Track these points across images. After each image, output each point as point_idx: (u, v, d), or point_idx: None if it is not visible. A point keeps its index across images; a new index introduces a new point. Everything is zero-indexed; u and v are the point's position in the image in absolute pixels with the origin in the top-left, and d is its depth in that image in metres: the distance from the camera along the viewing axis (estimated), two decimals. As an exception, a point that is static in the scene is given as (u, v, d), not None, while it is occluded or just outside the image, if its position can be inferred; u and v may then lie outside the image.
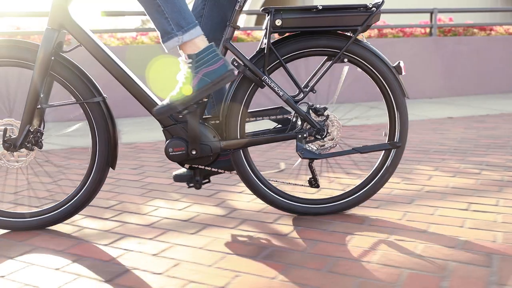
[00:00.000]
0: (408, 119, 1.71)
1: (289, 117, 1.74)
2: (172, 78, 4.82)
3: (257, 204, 1.94)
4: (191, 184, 1.78)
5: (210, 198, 2.04)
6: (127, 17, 5.00)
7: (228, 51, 1.71)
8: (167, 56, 4.84)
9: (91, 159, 1.71)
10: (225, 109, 1.68)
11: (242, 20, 14.64)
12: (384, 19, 7.42)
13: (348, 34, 1.68)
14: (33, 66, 1.63)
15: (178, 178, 1.83)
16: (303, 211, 1.78)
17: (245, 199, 2.01)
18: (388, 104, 1.72)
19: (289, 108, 1.74)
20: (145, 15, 4.42)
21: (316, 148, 1.71)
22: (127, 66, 3.06)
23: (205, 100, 1.61)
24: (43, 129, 1.69)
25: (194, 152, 1.65)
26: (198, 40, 1.54)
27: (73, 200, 1.72)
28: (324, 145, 1.72)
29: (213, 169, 1.75)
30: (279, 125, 1.77)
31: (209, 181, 1.83)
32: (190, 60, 1.54)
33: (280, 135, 1.69)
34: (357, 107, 4.68)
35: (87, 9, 4.75)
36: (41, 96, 1.64)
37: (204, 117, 1.70)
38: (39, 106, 1.65)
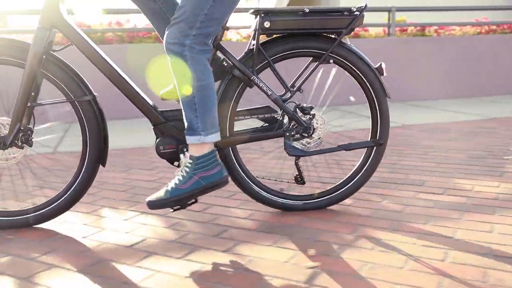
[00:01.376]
0: (389, 118, 1.79)
1: (276, 116, 1.80)
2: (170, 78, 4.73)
3: (252, 221, 1.75)
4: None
5: (201, 213, 1.85)
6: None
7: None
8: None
9: (81, 156, 1.73)
10: (215, 108, 1.73)
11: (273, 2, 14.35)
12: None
13: (333, 36, 1.76)
14: (24, 64, 1.64)
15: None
16: (291, 207, 1.84)
17: (239, 215, 1.84)
18: (371, 104, 1.80)
19: (275, 107, 1.80)
20: None
21: (303, 146, 1.77)
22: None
23: (196, 200, 1.64)
24: (34, 127, 1.70)
25: (185, 150, 1.69)
26: (208, 145, 1.60)
27: (62, 198, 1.73)
28: (310, 143, 1.78)
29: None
30: (266, 124, 1.83)
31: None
32: (191, 161, 1.60)
33: (269, 133, 1.75)
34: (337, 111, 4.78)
35: (88, 7, 4.66)
36: (32, 94, 1.65)
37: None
38: (29, 104, 1.66)
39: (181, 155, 1.64)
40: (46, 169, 2.62)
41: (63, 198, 1.73)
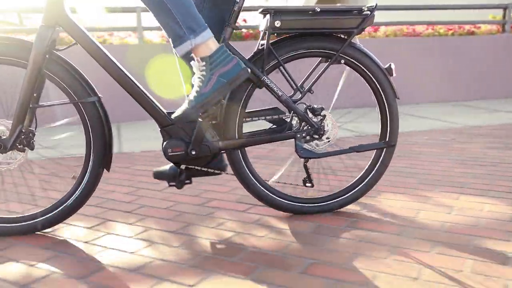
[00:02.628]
0: (398, 119, 1.78)
1: (284, 118, 1.77)
2: (173, 77, 4.65)
3: (273, 240, 1.59)
4: (172, 183, 1.74)
5: (214, 229, 1.70)
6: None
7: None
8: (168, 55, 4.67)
9: (85, 160, 1.66)
10: (224, 109, 1.69)
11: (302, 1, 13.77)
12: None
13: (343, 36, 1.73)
14: (27, 64, 1.57)
15: (158, 175, 1.77)
16: (299, 210, 1.81)
17: (257, 233, 1.67)
18: (380, 104, 1.78)
19: (284, 109, 1.76)
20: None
21: (313, 148, 1.74)
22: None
23: (223, 100, 1.60)
24: (35, 129, 1.63)
25: (193, 153, 1.64)
26: (210, 42, 1.55)
27: (65, 204, 1.67)
28: (320, 145, 1.75)
29: (206, 169, 1.73)
30: (274, 126, 1.79)
31: (190, 182, 1.76)
32: (204, 63, 1.54)
33: (279, 135, 1.71)
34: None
35: (89, 5, 4.55)
36: (34, 95, 1.59)
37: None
38: (31, 106, 1.59)
39: (192, 62, 1.58)
40: (48, 173, 2.53)
41: (65, 204, 1.66)
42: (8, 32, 4.41)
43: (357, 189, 1.83)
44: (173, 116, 1.55)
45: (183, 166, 1.71)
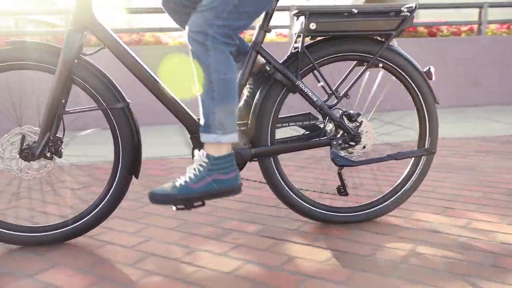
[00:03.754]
0: (438, 125, 1.70)
1: (318, 124, 1.70)
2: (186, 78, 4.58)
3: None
4: (180, 206, 1.53)
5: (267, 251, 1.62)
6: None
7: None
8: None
9: (113, 168, 1.61)
10: (256, 115, 1.62)
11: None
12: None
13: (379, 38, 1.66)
14: (55, 69, 1.53)
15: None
16: (332, 220, 1.73)
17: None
18: (419, 110, 1.70)
19: (317, 114, 1.69)
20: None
21: (349, 155, 1.67)
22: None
23: (203, 203, 1.52)
24: (63, 136, 1.59)
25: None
26: (226, 146, 1.49)
27: (93, 213, 1.62)
28: (355, 152, 1.68)
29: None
30: (307, 132, 1.73)
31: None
32: (207, 160, 1.48)
33: (314, 142, 1.64)
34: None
35: (109, 6, 4.54)
36: (62, 101, 1.54)
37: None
38: (59, 112, 1.55)
39: (196, 151, 1.53)
40: (76, 181, 2.49)
41: (92, 213, 1.61)
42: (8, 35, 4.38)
43: (393, 198, 1.75)
44: (151, 192, 1.48)
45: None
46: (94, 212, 1.61)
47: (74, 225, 1.61)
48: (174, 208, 1.50)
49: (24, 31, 4.49)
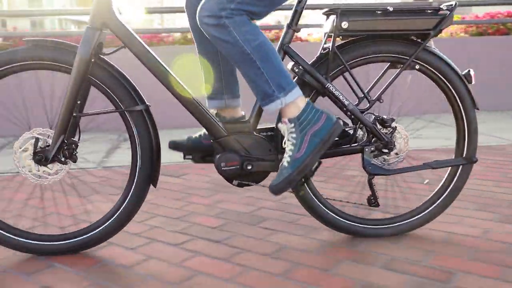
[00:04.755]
0: (477, 132, 1.58)
1: (348, 129, 1.59)
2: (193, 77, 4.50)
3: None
4: (188, 156, 1.58)
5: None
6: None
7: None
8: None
9: (131, 174, 1.52)
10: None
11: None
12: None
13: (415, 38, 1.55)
14: (71, 69, 1.45)
15: (175, 146, 1.61)
16: (363, 233, 1.62)
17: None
18: (457, 116, 1.58)
19: (347, 120, 1.58)
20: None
21: (382, 163, 1.56)
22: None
23: (321, 161, 1.47)
24: (79, 140, 1.50)
25: (249, 167, 1.48)
26: (299, 101, 1.41)
27: (109, 221, 1.53)
28: (389, 160, 1.57)
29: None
30: (336, 138, 1.62)
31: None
32: (293, 125, 1.40)
33: (345, 149, 1.53)
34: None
35: (128, 5, 4.52)
36: (78, 103, 1.46)
37: (257, 128, 1.53)
38: (74, 114, 1.46)
39: (279, 124, 1.45)
40: (90, 188, 2.41)
41: (106, 224, 1.52)
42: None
43: (428, 211, 1.63)
44: (271, 187, 1.39)
45: (235, 182, 1.55)
46: (108, 223, 1.52)
47: (84, 236, 1.52)
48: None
49: (66, 32, 4.53)
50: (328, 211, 1.59)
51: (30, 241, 1.51)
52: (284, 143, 1.43)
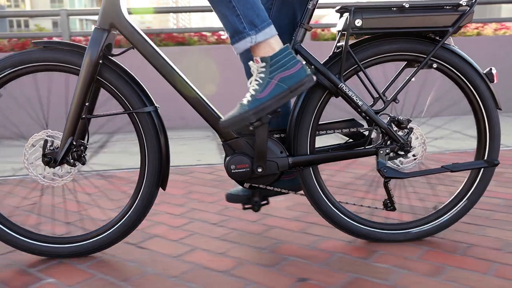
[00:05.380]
0: (500, 133, 1.50)
1: (362, 131, 1.54)
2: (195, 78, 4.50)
3: None
4: (248, 206, 1.58)
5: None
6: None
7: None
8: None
9: (139, 177, 1.50)
10: (294, 120, 1.48)
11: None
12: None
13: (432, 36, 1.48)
14: (79, 70, 1.43)
15: (232, 199, 1.61)
16: (380, 238, 1.56)
17: None
18: (478, 117, 1.51)
19: (361, 120, 1.53)
20: (205, 11, 4.13)
21: (397, 166, 1.50)
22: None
23: (279, 110, 1.40)
24: (87, 142, 1.49)
25: (260, 170, 1.44)
26: (273, 41, 1.34)
27: (117, 225, 1.51)
28: (405, 163, 1.51)
29: (275, 189, 1.54)
30: (350, 140, 1.57)
31: (267, 203, 1.61)
32: (264, 64, 1.34)
33: (359, 151, 1.48)
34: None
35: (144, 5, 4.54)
36: (86, 104, 1.44)
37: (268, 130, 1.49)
38: (83, 116, 1.45)
39: (250, 62, 1.38)
40: (98, 191, 2.41)
41: (114, 227, 1.50)
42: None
43: (445, 217, 1.56)
44: (221, 121, 1.35)
45: (246, 185, 1.51)
46: (116, 227, 1.50)
47: (90, 240, 1.51)
48: (250, 127, 1.38)
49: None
50: (343, 216, 1.54)
51: (36, 242, 1.50)
52: (250, 82, 1.37)
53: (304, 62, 1.37)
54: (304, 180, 1.51)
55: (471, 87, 1.48)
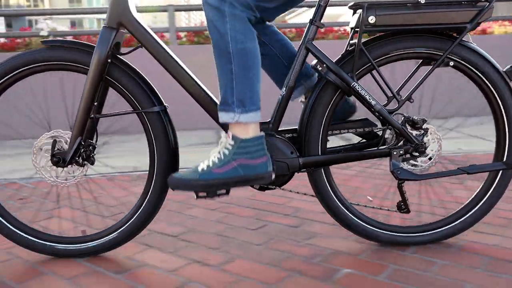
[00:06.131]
0: (521, 134, 1.45)
1: (376, 131, 1.50)
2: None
3: None
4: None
5: None
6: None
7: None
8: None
9: (148, 177, 1.49)
10: (305, 120, 1.45)
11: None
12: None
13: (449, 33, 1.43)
14: (87, 70, 1.42)
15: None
16: (390, 240, 1.52)
17: None
18: (497, 116, 1.46)
19: (375, 120, 1.48)
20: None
21: (412, 168, 1.45)
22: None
23: (223, 191, 1.36)
24: (96, 142, 1.48)
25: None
26: (252, 126, 1.33)
27: (125, 226, 1.50)
28: (420, 164, 1.46)
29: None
30: (363, 140, 1.53)
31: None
32: (232, 143, 1.32)
33: (372, 151, 1.44)
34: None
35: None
36: (95, 104, 1.43)
37: (280, 130, 1.46)
38: (92, 116, 1.44)
39: (222, 133, 1.37)
40: (105, 192, 2.42)
41: (122, 228, 1.49)
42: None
43: (461, 220, 1.51)
44: (169, 178, 1.35)
45: (256, 186, 1.48)
46: (125, 227, 1.49)
47: (99, 241, 1.50)
48: (195, 196, 1.35)
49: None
50: (355, 218, 1.50)
51: (48, 243, 1.50)
52: (213, 152, 1.36)
53: (269, 156, 1.35)
54: (315, 181, 1.47)
55: (490, 85, 1.43)
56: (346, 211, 1.50)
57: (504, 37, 4.65)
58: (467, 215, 1.51)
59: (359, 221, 1.50)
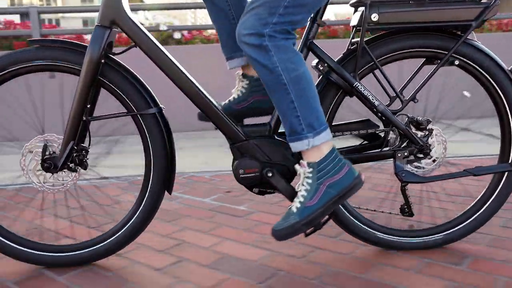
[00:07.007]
0: (526, 135, 1.41)
1: (378, 132, 1.45)
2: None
3: None
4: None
5: None
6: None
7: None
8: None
9: (144, 180, 1.43)
10: (306, 122, 1.40)
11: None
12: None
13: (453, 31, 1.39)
14: (79, 70, 1.36)
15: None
16: (392, 245, 1.49)
17: None
18: (502, 117, 1.42)
19: (377, 121, 1.44)
20: None
21: (416, 170, 1.41)
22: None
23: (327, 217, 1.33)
24: (89, 146, 1.42)
25: (270, 174, 1.37)
26: (325, 145, 1.28)
27: (122, 231, 1.44)
28: (424, 166, 1.42)
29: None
30: (366, 142, 1.49)
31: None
32: (311, 170, 1.27)
33: (374, 154, 1.40)
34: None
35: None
36: (88, 106, 1.37)
37: (279, 131, 1.42)
38: (84, 119, 1.38)
39: (296, 166, 1.31)
40: (103, 196, 2.36)
41: (119, 233, 1.44)
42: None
43: (466, 223, 1.48)
44: (274, 231, 1.28)
45: (255, 190, 1.44)
46: (121, 232, 1.44)
47: (96, 247, 1.44)
48: (304, 235, 1.32)
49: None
50: (357, 221, 1.46)
51: (41, 253, 1.45)
52: (298, 186, 1.30)
53: (348, 161, 1.30)
54: (317, 185, 1.43)
55: (495, 85, 1.40)
56: (348, 214, 1.45)
57: (508, 35, 4.60)
58: (472, 218, 1.47)
59: (362, 225, 1.46)
